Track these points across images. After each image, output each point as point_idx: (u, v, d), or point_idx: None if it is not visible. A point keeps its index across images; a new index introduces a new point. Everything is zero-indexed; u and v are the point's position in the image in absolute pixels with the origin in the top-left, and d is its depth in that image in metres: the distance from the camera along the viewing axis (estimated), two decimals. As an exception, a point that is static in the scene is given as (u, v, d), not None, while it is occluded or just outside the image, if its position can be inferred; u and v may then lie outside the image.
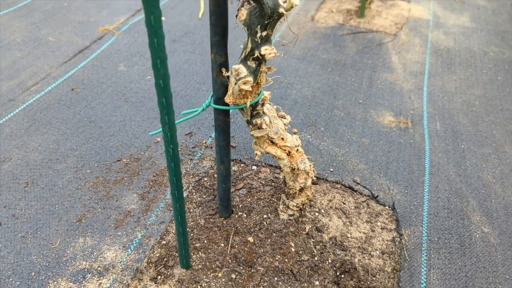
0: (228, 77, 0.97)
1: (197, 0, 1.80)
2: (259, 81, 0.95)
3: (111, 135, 1.57)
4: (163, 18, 1.93)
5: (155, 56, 0.71)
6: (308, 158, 1.21)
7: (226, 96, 0.99)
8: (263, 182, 1.41)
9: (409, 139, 1.65)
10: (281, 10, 0.82)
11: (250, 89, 0.93)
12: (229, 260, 1.17)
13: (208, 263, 1.16)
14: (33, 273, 1.12)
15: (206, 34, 2.19)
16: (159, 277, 1.12)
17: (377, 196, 1.38)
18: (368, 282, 1.13)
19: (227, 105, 1.00)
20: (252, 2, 0.82)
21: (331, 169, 1.48)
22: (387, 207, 1.36)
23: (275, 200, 1.34)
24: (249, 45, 0.88)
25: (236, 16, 0.86)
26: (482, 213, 1.36)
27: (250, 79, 0.90)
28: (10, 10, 2.35)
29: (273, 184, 1.40)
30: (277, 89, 1.88)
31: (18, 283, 1.10)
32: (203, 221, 1.27)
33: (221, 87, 0.99)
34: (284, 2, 0.83)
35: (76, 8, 2.43)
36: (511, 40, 2.34)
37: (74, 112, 1.68)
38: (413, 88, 1.94)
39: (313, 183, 1.40)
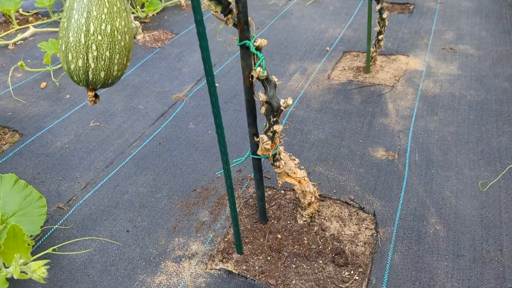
0: (258, 140, 1.72)
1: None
2: (275, 142, 1.70)
3: (188, 174, 2.38)
4: (217, 85, 2.76)
5: (214, 112, 1.45)
6: (314, 184, 1.92)
7: (258, 150, 1.74)
8: (288, 201, 2.14)
9: (394, 167, 2.32)
10: (282, 108, 1.57)
11: (270, 147, 1.68)
12: (266, 249, 1.89)
13: (253, 251, 1.89)
14: (151, 258, 1.91)
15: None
16: (224, 259, 1.87)
17: (364, 207, 2.06)
18: (353, 260, 1.81)
19: (259, 155, 1.75)
20: (265, 104, 1.58)
21: (334, 191, 2.19)
22: (370, 215, 2.03)
23: (295, 212, 2.06)
24: (267, 125, 1.64)
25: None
26: (437, 217, 2.00)
27: (269, 142, 1.65)
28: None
29: (294, 202, 2.12)
30: (299, 135, 2.62)
31: (144, 263, 1.89)
32: (249, 226, 2.01)
33: (254, 145, 1.75)
34: (283, 103, 1.58)
35: (154, 81, 3.35)
36: (487, 84, 2.94)
37: (162, 159, 2.52)
38: (402, 128, 2.61)
39: (320, 200, 2.11)
